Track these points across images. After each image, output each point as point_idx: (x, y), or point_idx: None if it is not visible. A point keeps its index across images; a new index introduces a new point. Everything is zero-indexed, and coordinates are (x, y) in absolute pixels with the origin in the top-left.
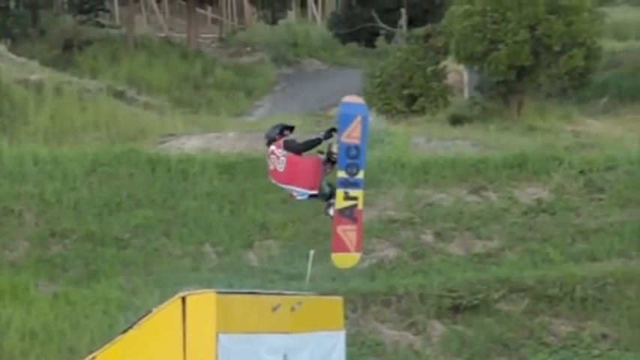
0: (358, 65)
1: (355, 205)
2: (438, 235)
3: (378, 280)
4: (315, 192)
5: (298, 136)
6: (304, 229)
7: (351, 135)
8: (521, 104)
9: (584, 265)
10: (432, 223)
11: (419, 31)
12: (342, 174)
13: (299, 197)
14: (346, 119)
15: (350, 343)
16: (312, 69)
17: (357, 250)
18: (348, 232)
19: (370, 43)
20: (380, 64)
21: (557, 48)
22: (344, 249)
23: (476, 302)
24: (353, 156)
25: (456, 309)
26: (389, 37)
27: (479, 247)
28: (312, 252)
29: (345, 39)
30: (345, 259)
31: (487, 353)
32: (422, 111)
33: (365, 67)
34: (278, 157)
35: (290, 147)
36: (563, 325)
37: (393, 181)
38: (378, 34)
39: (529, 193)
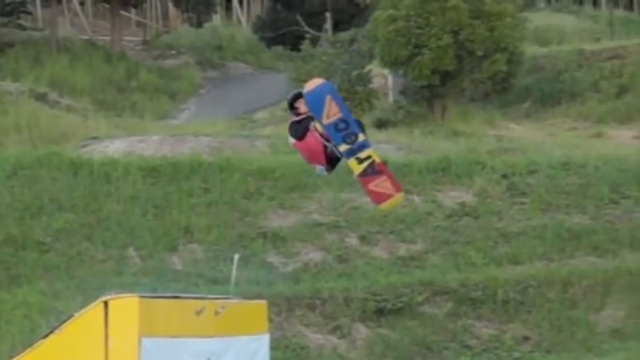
0: (284, 69)
1: (372, 162)
2: (362, 238)
3: (303, 283)
4: (327, 165)
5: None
6: (229, 233)
7: (330, 114)
8: (445, 108)
9: (507, 268)
10: (356, 226)
11: (344, 35)
12: (344, 147)
13: (320, 173)
14: (317, 105)
15: (274, 346)
16: (238, 72)
17: (398, 191)
18: (380, 184)
19: (295, 47)
20: (305, 68)
21: (480, 53)
22: (386, 197)
23: (400, 305)
24: (343, 128)
25: (380, 312)
26: (314, 41)
27: (403, 250)
28: (236, 256)
29: (270, 42)
30: (390, 204)
31: (411, 356)
32: None
33: (290, 70)
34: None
35: (291, 135)
36: (486, 328)
37: (318, 185)
38: (303, 38)
39: (452, 196)
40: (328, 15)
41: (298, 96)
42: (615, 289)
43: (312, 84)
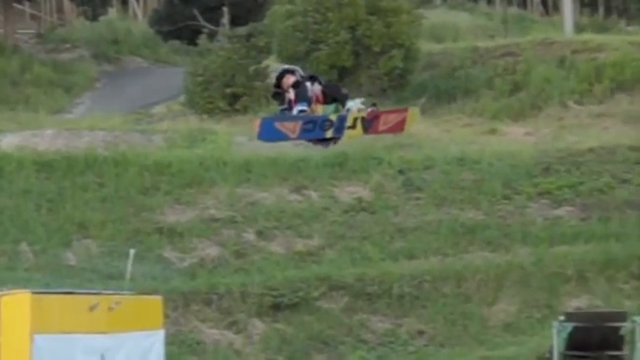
0: (181, 63)
1: (362, 118)
2: (259, 233)
3: (199, 279)
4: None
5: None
6: (124, 228)
7: (293, 130)
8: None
9: (402, 262)
10: (253, 221)
11: (241, 30)
12: (328, 133)
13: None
14: (276, 135)
15: (170, 342)
16: (134, 66)
17: (405, 111)
18: (387, 121)
19: (193, 42)
20: (202, 63)
21: (376, 49)
22: (402, 124)
23: (296, 300)
24: (312, 127)
25: (276, 307)
26: (211, 36)
27: (300, 245)
28: (132, 251)
29: (167, 37)
30: (411, 123)
31: (307, 351)
32: (244, 110)
33: (187, 65)
34: None
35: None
36: (381, 322)
37: (215, 180)
38: (200, 33)
39: (349, 192)
40: (225, 9)
41: (282, 75)
42: (508, 283)
43: (257, 127)
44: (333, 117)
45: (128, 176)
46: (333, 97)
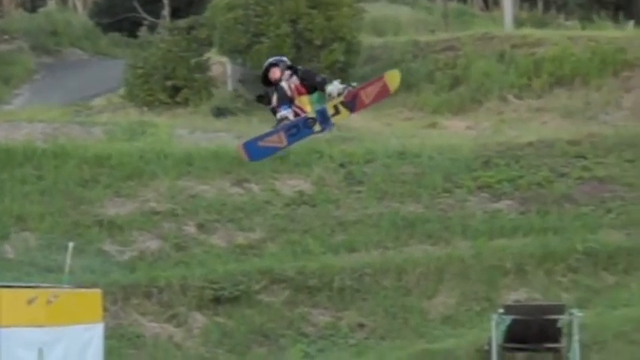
0: (121, 55)
1: (342, 102)
2: (200, 226)
3: (139, 272)
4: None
5: None
6: (63, 221)
7: (279, 141)
8: None
9: (343, 256)
10: (194, 214)
11: (182, 22)
12: (316, 128)
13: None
14: (265, 152)
15: (109, 335)
16: (74, 58)
17: (383, 77)
18: (368, 94)
19: (133, 34)
20: (143, 55)
21: (318, 42)
22: (385, 89)
23: (237, 293)
24: (296, 131)
25: (217, 300)
26: (152, 28)
27: (241, 238)
28: (71, 244)
29: (107, 29)
30: (393, 83)
31: (247, 344)
32: (185, 103)
33: (128, 57)
34: None
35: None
36: (322, 315)
37: (156, 173)
38: (140, 25)
39: (290, 185)
40: (166, 2)
41: (267, 69)
42: (447, 276)
43: (242, 153)
44: (313, 114)
45: (67, 169)
46: (312, 85)
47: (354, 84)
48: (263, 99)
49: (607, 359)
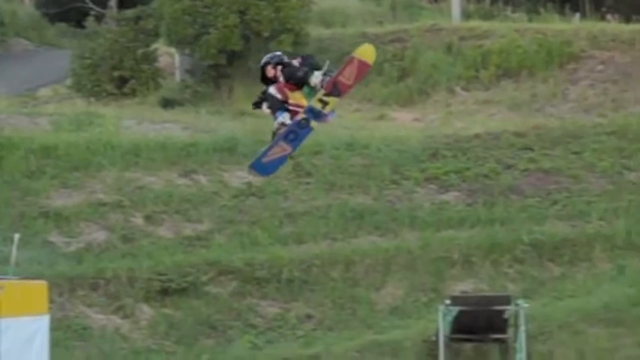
0: (68, 46)
1: (327, 101)
2: (147, 218)
3: (86, 263)
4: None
5: None
6: (9, 212)
7: (283, 150)
8: (232, 88)
9: (292, 247)
10: (142, 206)
11: (129, 12)
12: (312, 124)
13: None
14: (276, 165)
15: (55, 327)
16: (20, 49)
17: (354, 57)
18: (346, 74)
19: (80, 24)
20: (90, 46)
21: (266, 34)
22: (362, 64)
23: (185, 285)
24: (295, 136)
25: (164, 292)
26: (99, 19)
27: (189, 230)
28: (17, 235)
29: (53, 19)
30: (368, 57)
31: (195, 335)
32: (133, 93)
33: (74, 48)
34: None
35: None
36: (270, 307)
37: (103, 164)
38: (87, 15)
39: (239, 176)
40: None
41: (263, 68)
42: (395, 267)
43: (254, 174)
44: (303, 114)
45: (13, 159)
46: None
47: (332, 72)
48: (259, 105)
49: (552, 349)
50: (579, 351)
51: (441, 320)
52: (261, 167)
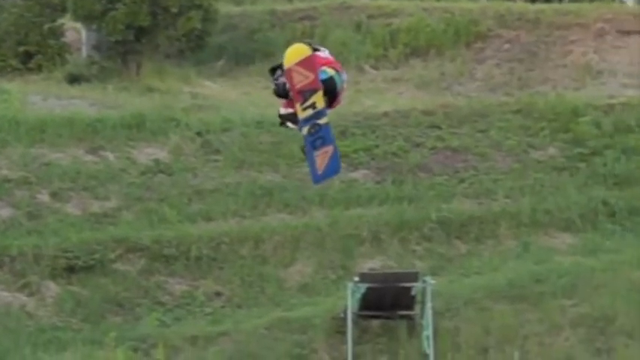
0: None
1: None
2: (54, 195)
3: None
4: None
5: None
6: None
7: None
8: (140, 65)
9: (200, 224)
10: (48, 182)
11: None
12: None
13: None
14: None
15: None
16: None
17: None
18: (300, 81)
19: None
20: None
21: (174, 10)
22: (306, 62)
23: (92, 262)
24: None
25: (71, 269)
26: None
27: (96, 207)
28: None
29: None
30: (298, 55)
31: (102, 313)
32: (38, 69)
33: None
34: None
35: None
36: (178, 284)
37: (8, 140)
38: None
39: (147, 153)
40: None
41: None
42: (304, 245)
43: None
44: (304, 128)
45: None
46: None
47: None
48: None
49: (459, 326)
50: (485, 327)
51: (350, 297)
52: (324, 175)
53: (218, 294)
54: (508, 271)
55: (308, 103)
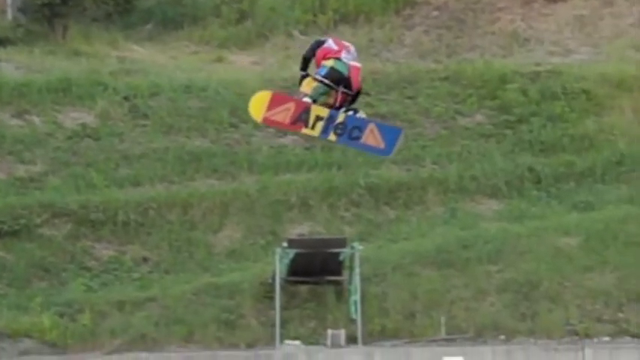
0: None
1: None
2: None
3: None
4: None
5: None
6: None
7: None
8: (67, 28)
9: (128, 190)
10: None
11: None
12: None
13: None
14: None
15: None
16: None
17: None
18: (284, 117)
19: None
20: None
21: None
22: (274, 102)
23: (17, 227)
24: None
25: None
26: None
27: (21, 171)
28: None
29: None
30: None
31: (28, 278)
32: None
33: None
34: None
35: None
36: (105, 249)
37: None
38: None
39: (73, 117)
40: None
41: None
42: (233, 210)
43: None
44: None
45: None
46: None
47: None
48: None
49: (386, 291)
50: (412, 292)
51: (278, 263)
52: (389, 145)
53: (146, 259)
54: (435, 237)
55: (311, 122)
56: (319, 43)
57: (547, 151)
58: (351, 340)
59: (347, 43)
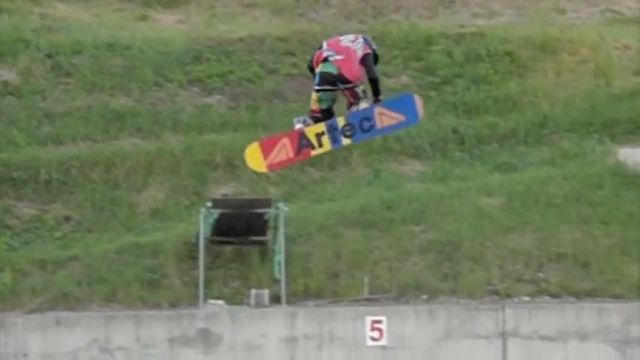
0: None
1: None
2: None
3: None
4: None
5: None
6: None
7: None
8: None
9: (50, 148)
10: None
11: None
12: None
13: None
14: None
15: None
16: None
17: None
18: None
19: None
20: None
21: None
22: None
23: None
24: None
25: None
26: None
27: None
28: None
29: None
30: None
31: None
32: None
33: None
34: None
35: None
36: (27, 208)
37: None
38: None
39: None
40: None
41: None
42: (157, 170)
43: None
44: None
45: None
46: None
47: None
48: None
49: (310, 251)
50: (336, 253)
51: (202, 222)
52: (412, 116)
53: (68, 218)
54: (360, 198)
55: (315, 142)
56: (316, 51)
57: (470, 113)
58: (275, 299)
59: (341, 37)
